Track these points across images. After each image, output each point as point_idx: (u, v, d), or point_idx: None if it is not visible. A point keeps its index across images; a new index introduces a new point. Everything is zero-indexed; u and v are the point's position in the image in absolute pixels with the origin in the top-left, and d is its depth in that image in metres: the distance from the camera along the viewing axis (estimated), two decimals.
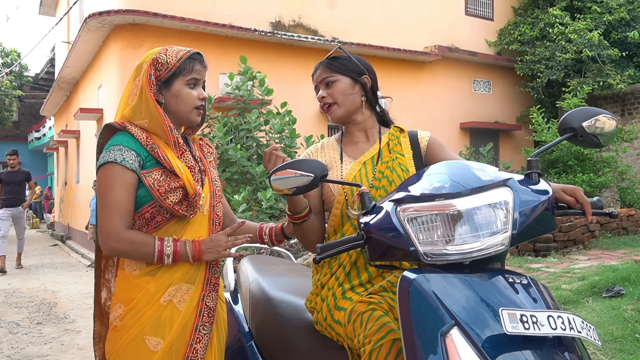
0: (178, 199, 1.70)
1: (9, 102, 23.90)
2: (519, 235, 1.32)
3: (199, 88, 1.82)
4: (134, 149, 1.71)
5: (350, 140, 1.99)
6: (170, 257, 1.70)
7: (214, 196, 1.86)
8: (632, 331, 3.53)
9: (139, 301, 1.71)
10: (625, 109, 12.28)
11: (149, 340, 1.70)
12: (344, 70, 1.93)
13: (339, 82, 1.93)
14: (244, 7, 10.44)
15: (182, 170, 1.72)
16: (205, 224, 1.82)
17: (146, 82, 1.74)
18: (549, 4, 13.17)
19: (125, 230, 1.69)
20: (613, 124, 1.51)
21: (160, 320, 1.70)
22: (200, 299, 1.76)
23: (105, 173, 1.71)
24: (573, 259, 6.12)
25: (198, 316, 1.75)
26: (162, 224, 1.75)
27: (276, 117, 8.80)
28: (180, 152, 1.77)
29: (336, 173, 1.91)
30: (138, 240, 1.69)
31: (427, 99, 12.55)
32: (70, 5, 13.46)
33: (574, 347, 1.27)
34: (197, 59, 1.81)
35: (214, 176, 1.92)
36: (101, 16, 9.23)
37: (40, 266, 10.13)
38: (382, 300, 1.69)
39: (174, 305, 1.72)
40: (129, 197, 1.70)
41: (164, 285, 1.72)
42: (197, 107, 1.80)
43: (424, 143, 1.96)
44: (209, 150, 1.99)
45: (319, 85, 1.97)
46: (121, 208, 1.69)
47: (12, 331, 5.25)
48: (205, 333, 1.76)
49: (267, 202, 7.67)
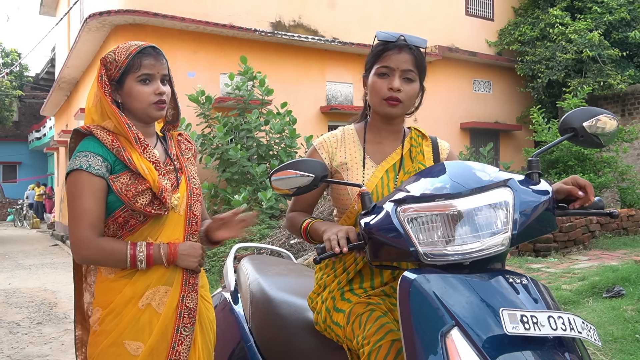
0: (148, 200, 1.67)
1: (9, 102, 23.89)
2: (519, 235, 1.31)
3: (155, 83, 1.73)
4: (100, 153, 1.68)
5: (374, 139, 1.87)
6: (144, 263, 1.67)
7: (191, 195, 1.82)
8: (633, 331, 3.52)
9: (117, 305, 1.69)
10: (626, 109, 12.27)
11: (129, 344, 1.68)
12: (420, 72, 1.80)
13: (415, 84, 1.79)
14: (244, 8, 10.44)
15: (147, 171, 1.68)
16: (181, 224, 1.78)
17: (97, 83, 1.72)
18: (549, 4, 13.17)
19: (95, 239, 1.66)
20: (614, 124, 1.50)
21: (139, 324, 1.68)
22: (180, 301, 1.73)
23: (73, 181, 1.68)
24: (573, 259, 6.11)
25: (178, 318, 1.72)
26: (136, 227, 1.72)
27: (276, 117, 8.80)
28: (142, 147, 1.72)
29: (357, 177, 1.80)
30: (109, 248, 1.66)
31: (427, 99, 12.00)
32: (70, 6, 13.46)
33: (575, 347, 1.27)
34: (149, 53, 1.73)
35: (192, 173, 1.87)
36: (101, 16, 9.23)
37: (41, 266, 10.13)
38: (380, 301, 1.68)
39: (153, 308, 1.70)
40: (98, 203, 1.67)
41: (141, 289, 1.70)
42: (155, 103, 1.73)
43: (444, 155, 1.90)
44: (187, 146, 1.94)
45: (396, 71, 1.74)
46: (90, 216, 1.66)
47: (12, 331, 5.25)
48: (187, 334, 1.73)
49: (268, 202, 7.67)
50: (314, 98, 11.12)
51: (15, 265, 10.29)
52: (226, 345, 2.27)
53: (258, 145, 8.69)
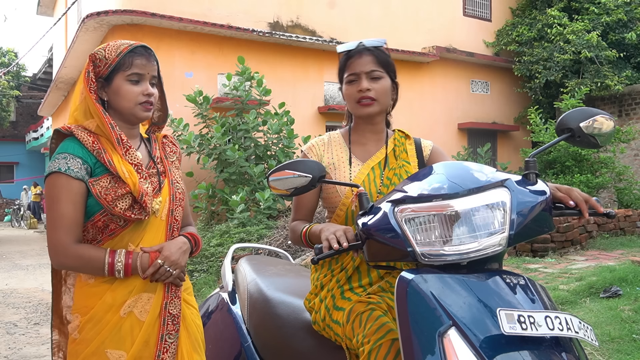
0: (128, 204, 1.63)
1: (7, 102, 23.86)
2: (516, 235, 1.32)
3: (145, 83, 1.70)
4: (80, 155, 1.63)
5: (358, 140, 1.94)
6: (122, 272, 1.63)
7: (174, 200, 1.77)
8: (629, 331, 3.53)
9: (97, 312, 1.64)
10: (623, 109, 12.31)
11: (111, 353, 1.63)
12: (388, 69, 1.86)
13: (384, 80, 1.85)
14: (242, 8, 10.44)
15: (127, 174, 1.64)
16: (163, 229, 1.74)
17: (84, 79, 1.68)
18: (546, 5, 13.20)
19: (73, 245, 1.62)
20: (611, 125, 1.51)
21: (121, 332, 1.64)
22: (163, 308, 1.69)
23: (51, 184, 1.62)
24: (570, 259, 6.12)
25: (162, 325, 1.68)
26: (116, 231, 1.67)
27: (274, 117, 8.80)
28: (124, 149, 1.67)
29: (344, 175, 1.87)
30: (87, 256, 1.62)
31: (425, 99, 12.56)
32: (68, 6, 13.44)
33: (572, 347, 1.28)
34: (141, 52, 1.70)
35: (176, 177, 1.82)
36: (99, 16, 9.22)
37: (38, 266, 10.11)
38: (380, 301, 1.69)
39: (135, 316, 1.65)
40: (76, 208, 1.62)
41: (122, 296, 1.65)
42: (142, 103, 1.69)
43: (427, 152, 1.95)
44: (172, 149, 1.89)
45: (362, 74, 1.83)
46: (68, 221, 1.61)
47: (9, 332, 5.24)
48: (172, 341, 1.69)
49: (265, 203, 7.66)
50: (312, 98, 11.12)
51: (13, 265, 10.27)
52: (224, 346, 2.27)
53: (256, 145, 8.69)
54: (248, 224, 7.43)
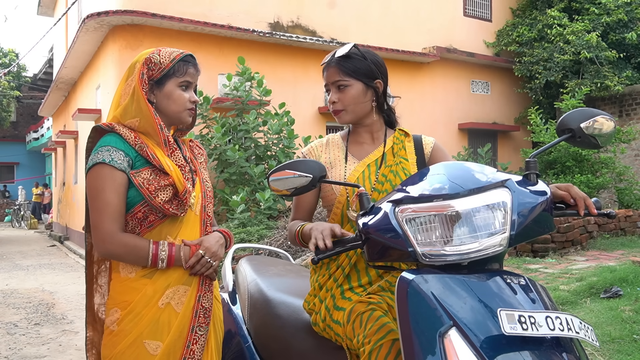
0: (168, 197, 1.69)
1: (7, 103, 23.85)
2: (517, 236, 1.32)
3: (191, 91, 1.82)
4: (122, 149, 1.71)
5: (356, 140, 1.96)
6: (165, 262, 1.70)
7: (205, 197, 1.86)
8: (630, 332, 3.53)
9: (137, 304, 1.70)
10: (623, 110, 12.30)
11: (149, 344, 1.69)
12: (357, 74, 1.85)
13: (350, 88, 1.85)
14: (242, 8, 10.44)
15: (172, 168, 1.72)
16: (197, 224, 1.81)
17: (138, 80, 1.74)
18: (547, 5, 13.20)
19: (118, 233, 1.68)
20: (611, 125, 1.51)
21: (159, 323, 1.70)
22: (197, 300, 1.76)
23: (95, 175, 1.69)
24: (571, 259, 6.12)
25: (194, 317, 1.75)
26: (155, 223, 1.74)
27: (274, 117, 8.80)
28: (170, 150, 1.77)
29: (339, 172, 1.89)
30: (132, 244, 1.68)
31: (425, 99, 12.56)
32: (68, 6, 13.45)
33: (572, 347, 1.28)
34: (191, 62, 1.82)
35: (205, 177, 1.91)
36: (99, 17, 9.22)
37: (38, 267, 10.12)
38: (381, 301, 1.69)
39: (172, 307, 1.72)
40: (120, 198, 1.69)
41: (162, 288, 1.72)
42: (189, 109, 1.81)
43: (428, 149, 1.94)
44: (199, 151, 1.99)
45: (330, 86, 1.90)
46: (113, 209, 1.67)
47: (9, 332, 5.24)
48: (202, 334, 1.76)
49: (266, 203, 7.67)
50: (312, 98, 11.12)
51: (13, 265, 10.27)
52: (224, 346, 2.27)
53: (256, 145, 8.69)
54: (248, 224, 7.43)
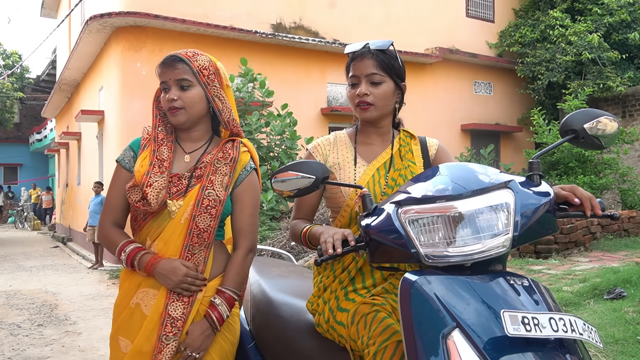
0: (139, 196, 1.74)
1: (10, 104, 23.89)
2: (520, 237, 1.31)
3: (171, 90, 1.77)
4: (134, 149, 1.83)
5: (364, 141, 1.93)
6: (124, 262, 1.76)
7: (199, 206, 1.74)
8: (634, 333, 3.52)
9: (120, 295, 1.79)
10: (626, 110, 12.28)
11: (122, 340, 1.74)
12: (392, 73, 1.81)
13: (384, 85, 1.80)
14: (244, 9, 10.45)
15: (139, 167, 1.76)
16: (181, 233, 1.73)
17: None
18: (549, 6, 13.18)
19: (107, 226, 1.80)
20: (614, 126, 1.50)
21: (130, 321, 1.74)
22: (164, 308, 1.70)
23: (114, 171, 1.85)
24: (574, 260, 6.11)
25: (161, 325, 1.69)
26: (141, 224, 1.79)
27: (277, 118, 8.81)
28: (157, 146, 1.81)
29: (349, 175, 1.86)
30: (110, 239, 1.79)
31: (428, 100, 12.55)
32: (71, 8, 13.48)
33: (576, 349, 1.27)
34: (164, 61, 1.81)
35: (213, 185, 1.77)
36: (102, 18, 9.24)
37: (42, 268, 10.14)
38: (385, 302, 1.68)
39: (141, 309, 1.73)
40: (118, 194, 1.81)
41: (134, 286, 1.76)
42: (169, 109, 1.79)
43: (433, 151, 1.94)
44: (225, 154, 1.83)
45: (362, 77, 1.80)
46: (110, 203, 1.82)
47: (13, 333, 5.25)
48: (168, 343, 1.67)
49: (268, 204, 7.67)
50: (315, 100, 11.13)
51: (16, 267, 10.30)
52: None
53: (259, 147, 8.70)
54: None
